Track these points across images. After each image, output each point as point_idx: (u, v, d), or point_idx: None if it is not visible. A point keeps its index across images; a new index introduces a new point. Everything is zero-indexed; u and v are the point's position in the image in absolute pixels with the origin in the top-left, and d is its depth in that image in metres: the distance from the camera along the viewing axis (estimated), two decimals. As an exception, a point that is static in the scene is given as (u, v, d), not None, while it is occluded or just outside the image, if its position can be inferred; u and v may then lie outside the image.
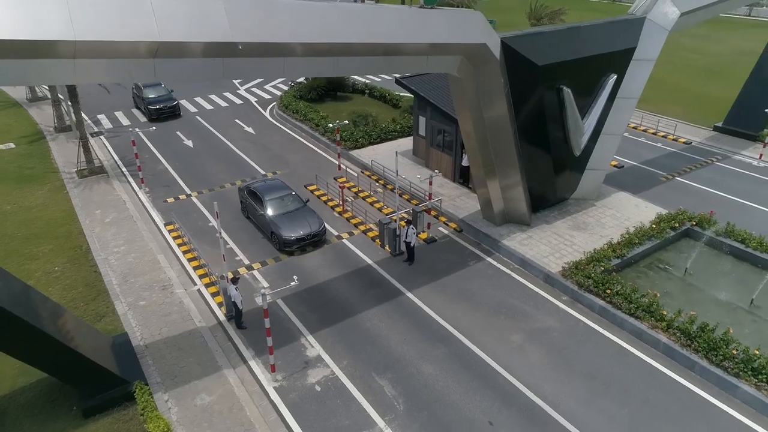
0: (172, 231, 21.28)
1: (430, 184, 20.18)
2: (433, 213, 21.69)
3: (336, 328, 16.32)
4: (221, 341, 15.91)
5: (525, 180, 19.46)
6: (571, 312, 16.86)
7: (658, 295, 16.26)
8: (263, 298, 13.36)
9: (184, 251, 20.00)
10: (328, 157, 28.04)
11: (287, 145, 29.66)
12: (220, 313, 16.95)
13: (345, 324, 16.46)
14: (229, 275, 16.58)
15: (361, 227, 21.38)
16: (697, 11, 21.87)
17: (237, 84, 40.64)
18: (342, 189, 22.65)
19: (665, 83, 37.49)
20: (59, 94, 30.91)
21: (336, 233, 21.09)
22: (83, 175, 25.68)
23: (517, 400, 13.83)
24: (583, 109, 19.95)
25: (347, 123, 26.95)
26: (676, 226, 19.99)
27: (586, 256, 18.16)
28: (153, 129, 26.91)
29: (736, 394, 13.71)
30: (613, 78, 20.01)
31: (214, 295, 17.76)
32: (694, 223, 20.18)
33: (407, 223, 18.87)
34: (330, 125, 25.61)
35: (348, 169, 25.92)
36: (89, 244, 20.34)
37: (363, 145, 27.95)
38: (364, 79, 39.60)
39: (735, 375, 13.83)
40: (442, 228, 21.46)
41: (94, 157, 26.24)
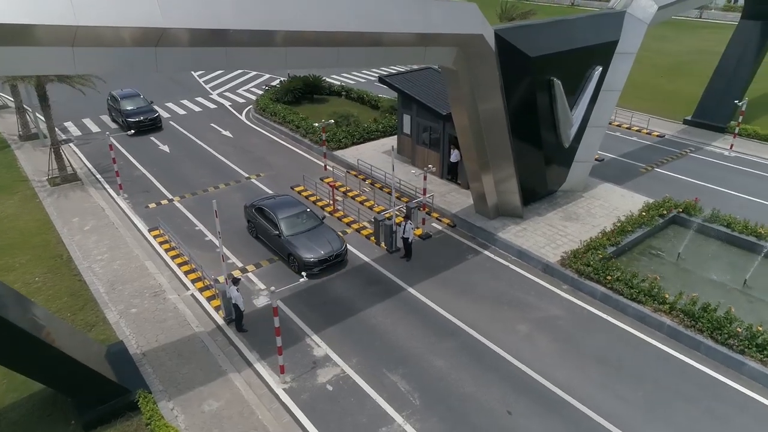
0: (157, 236, 20.45)
1: (425, 179, 20.03)
2: (425, 209, 21.55)
3: (341, 327, 15.93)
4: (222, 345, 15.29)
5: (518, 172, 19.56)
6: (573, 300, 16.95)
7: (658, 278, 16.52)
8: (272, 296, 12.87)
9: (173, 256, 19.22)
10: (310, 158, 27.61)
11: (268, 147, 29.08)
12: (218, 317, 16.32)
13: (349, 322, 16.09)
14: (231, 275, 15.99)
15: (354, 226, 21.05)
16: (673, 5, 22.57)
17: (209, 89, 39.74)
18: (333, 188, 22.29)
19: (634, 81, 38.42)
20: (24, 104, 29.53)
21: (329, 233, 20.70)
22: (55, 183, 24.49)
23: (533, 389, 13.75)
24: (571, 101, 20.23)
25: (333, 122, 26.59)
26: (664, 213, 20.44)
27: (583, 245, 18.34)
28: (127, 134, 25.92)
29: (742, 370, 14.00)
30: (598, 70, 20.39)
31: (209, 299, 17.10)
32: (681, 210, 20.68)
33: (405, 219, 18.67)
34: (316, 124, 25.21)
35: (334, 169, 25.54)
36: (70, 253, 19.33)
37: (346, 146, 27.65)
38: (340, 81, 39.33)
39: (740, 352, 14.12)
40: (435, 224, 21.35)
41: (67, 164, 25.07)
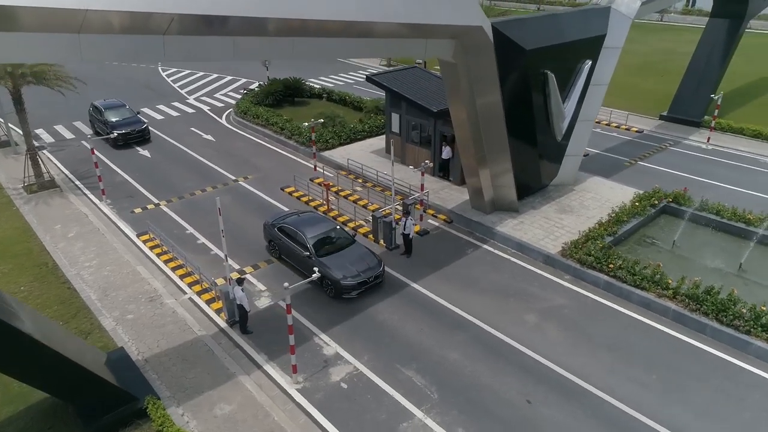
0: (147, 241, 19.73)
1: (423, 175, 19.93)
2: (418, 207, 21.41)
3: (348, 325, 15.61)
4: (227, 348, 14.77)
5: (514, 166, 19.64)
6: (577, 289, 17.05)
7: (660, 265, 16.75)
8: (286, 291, 12.47)
9: (166, 260, 18.55)
10: (297, 159, 27.20)
11: (252, 150, 28.53)
12: (220, 320, 15.78)
13: (356, 320, 15.78)
14: (237, 276, 15.52)
15: (350, 224, 20.76)
16: (654, 1, 23.13)
17: (185, 93, 38.86)
18: (327, 188, 21.97)
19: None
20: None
21: (325, 232, 20.35)
22: (32, 190, 23.42)
23: (548, 377, 13.71)
24: (562, 95, 20.45)
25: (322, 121, 26.26)
26: (655, 203, 20.83)
27: (582, 236, 18.49)
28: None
29: (749, 350, 14.26)
30: (588, 64, 20.71)
31: (209, 302, 16.53)
32: (670, 200, 21.11)
33: (405, 215, 18.50)
34: (305, 124, 24.82)
35: (324, 170, 25.23)
36: (55, 261, 18.46)
37: (333, 146, 27.35)
38: (320, 84, 38.99)
39: (746, 332, 14.40)
40: (431, 220, 21.24)
41: (44, 170, 24.04)
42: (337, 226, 18.39)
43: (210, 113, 34.60)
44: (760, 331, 14.24)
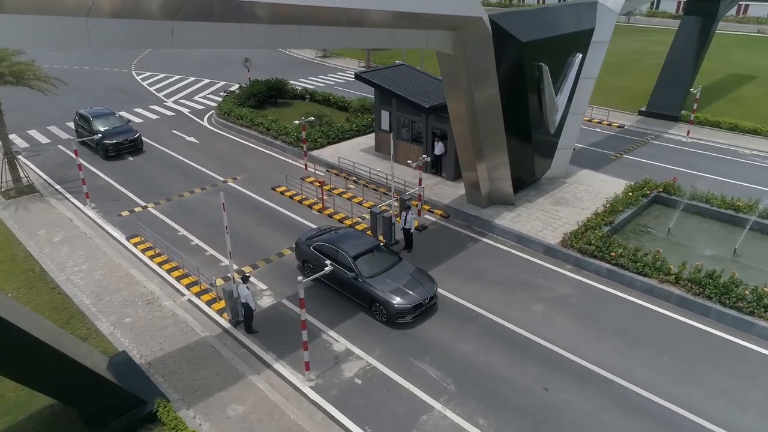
0: (138, 244, 19.06)
1: (420, 169, 19.81)
2: (415, 203, 21.30)
3: (356, 320, 15.33)
4: (234, 348, 14.31)
5: (510, 159, 19.69)
6: (580, 278, 17.14)
7: (660, 251, 16.98)
8: (300, 285, 12.14)
9: (160, 263, 17.95)
10: (285, 159, 26.79)
11: (237, 151, 27.99)
12: (223, 321, 15.30)
13: (363, 316, 15.50)
14: (236, 275, 15.09)
15: (347, 222, 20.49)
16: (637, -4, 23.63)
17: (162, 97, 37.98)
18: (322, 185, 21.65)
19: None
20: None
21: (322, 230, 20.03)
22: (10, 195, 22.44)
23: (562, 364, 13.69)
24: (555, 87, 20.63)
25: (313, 119, 25.92)
26: (647, 193, 21.17)
27: (581, 226, 18.64)
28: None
29: (753, 330, 14.53)
30: (579, 57, 20.98)
31: (209, 302, 16.03)
32: (661, 190, 21.50)
33: (406, 209, 18.33)
34: (296, 122, 24.41)
35: (315, 169, 24.89)
36: (42, 266, 17.67)
37: (322, 145, 27.05)
38: (302, 85, 38.59)
39: (750, 313, 14.67)
40: (428, 215, 21.13)
41: (23, 175, 23.06)
42: (380, 242, 17.08)
43: (190, 115, 33.88)
44: (764, 311, 14.53)
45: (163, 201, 22.36)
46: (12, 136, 29.49)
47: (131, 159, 26.72)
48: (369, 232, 19.58)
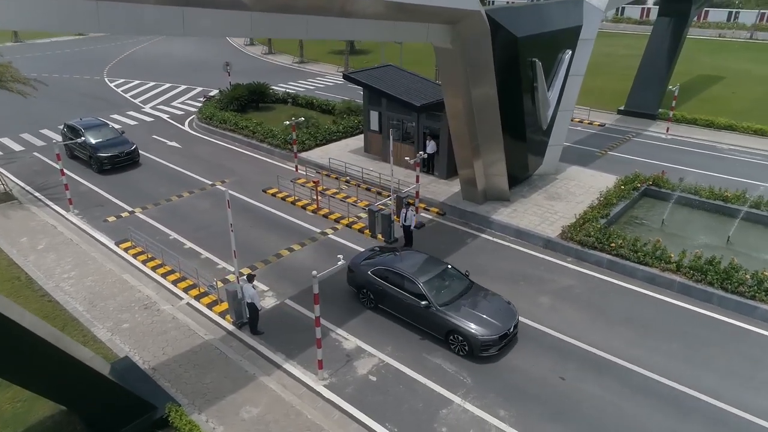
0: (129, 249, 18.37)
1: (417, 165, 19.68)
2: (411, 201, 21.15)
3: (363, 318, 15.04)
4: (240, 350, 13.85)
5: (506, 155, 19.77)
6: (581, 270, 17.23)
7: (660, 240, 17.21)
8: (314, 280, 11.80)
9: (153, 267, 17.32)
10: (273, 161, 26.37)
11: (223, 154, 27.42)
12: (226, 323, 14.81)
13: (370, 313, 15.22)
14: (243, 272, 14.67)
15: (343, 221, 20.19)
16: (620, -5, 24.12)
17: (139, 103, 37.04)
18: (316, 184, 21.32)
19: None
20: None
21: (319, 230, 19.68)
22: (-14, 204, 21.45)
23: (575, 354, 13.66)
24: (546, 83, 20.82)
25: (303, 119, 25.55)
26: (638, 186, 21.52)
27: (578, 219, 18.78)
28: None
29: (756, 314, 14.79)
30: (569, 54, 21.23)
31: (210, 305, 15.51)
32: (651, 183, 21.88)
33: (406, 206, 18.16)
34: (286, 122, 24.02)
35: (306, 170, 24.53)
36: (28, 274, 16.86)
37: (310, 147, 26.73)
38: (284, 89, 38.16)
39: (751, 297, 14.95)
40: (424, 213, 21.01)
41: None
42: (448, 265, 15.21)
43: (170, 121, 33.11)
44: (765, 295, 14.82)
45: (150, 205, 21.68)
46: (-18, 144, 28.43)
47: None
48: (367, 232, 19.37)
